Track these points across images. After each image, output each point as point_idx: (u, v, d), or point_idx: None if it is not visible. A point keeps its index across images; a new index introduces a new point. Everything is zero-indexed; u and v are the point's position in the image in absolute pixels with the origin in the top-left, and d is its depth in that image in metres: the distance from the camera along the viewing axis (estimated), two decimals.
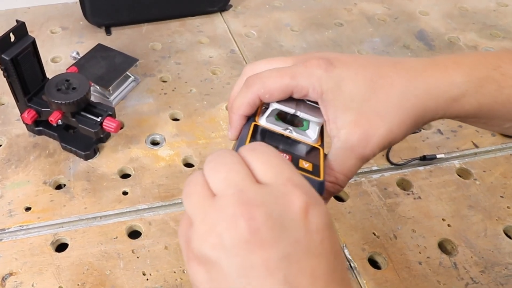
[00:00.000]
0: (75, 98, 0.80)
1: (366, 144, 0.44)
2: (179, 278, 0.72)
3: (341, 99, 0.45)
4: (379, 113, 0.44)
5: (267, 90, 0.46)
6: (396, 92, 0.45)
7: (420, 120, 0.46)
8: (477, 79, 0.46)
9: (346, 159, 0.45)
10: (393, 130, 0.45)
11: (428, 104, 0.45)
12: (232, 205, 0.34)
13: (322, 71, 0.45)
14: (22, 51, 0.79)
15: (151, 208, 0.81)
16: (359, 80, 0.45)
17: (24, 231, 0.77)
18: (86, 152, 0.87)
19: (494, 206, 0.84)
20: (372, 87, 0.45)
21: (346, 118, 0.45)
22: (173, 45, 1.18)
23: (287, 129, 0.47)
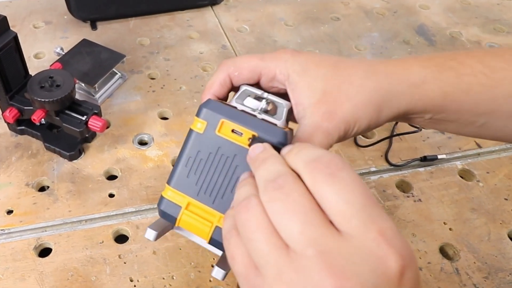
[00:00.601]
0: (59, 96, 0.79)
1: (331, 119, 0.46)
2: (168, 285, 0.71)
3: (306, 80, 0.47)
4: (343, 92, 0.47)
5: (237, 67, 0.49)
6: (358, 74, 0.48)
7: (385, 105, 0.48)
8: (434, 66, 0.49)
9: (312, 136, 0.46)
10: (357, 107, 0.47)
11: (390, 88, 0.48)
12: (317, 272, 0.31)
13: (289, 55, 0.49)
14: (3, 46, 0.78)
15: (138, 211, 0.80)
16: (323, 65, 0.48)
17: (5, 235, 0.76)
18: (70, 152, 0.86)
19: (498, 209, 0.83)
20: (335, 70, 0.48)
21: (311, 97, 0.47)
22: (162, 40, 1.17)
23: (255, 110, 0.48)
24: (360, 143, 0.91)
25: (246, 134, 0.43)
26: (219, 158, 0.44)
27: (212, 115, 0.44)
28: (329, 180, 0.33)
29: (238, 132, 0.44)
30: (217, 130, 0.44)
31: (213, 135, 0.45)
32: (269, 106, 0.49)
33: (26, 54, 0.86)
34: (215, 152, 0.45)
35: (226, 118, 0.44)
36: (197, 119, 0.45)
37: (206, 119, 0.45)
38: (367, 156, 0.90)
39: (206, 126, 0.45)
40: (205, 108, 0.45)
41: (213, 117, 0.44)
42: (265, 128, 0.43)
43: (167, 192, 0.48)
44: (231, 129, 0.44)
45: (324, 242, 0.31)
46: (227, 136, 0.44)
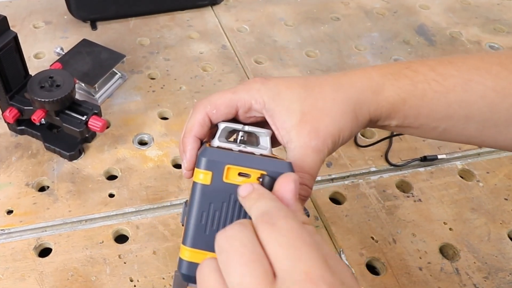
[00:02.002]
0: (59, 96, 0.79)
1: (317, 136, 0.47)
2: (168, 285, 0.70)
3: (283, 104, 0.49)
4: (320, 109, 0.48)
5: (213, 106, 0.50)
6: (327, 90, 0.50)
7: (359, 112, 0.50)
8: (390, 74, 0.51)
9: (304, 156, 0.47)
10: (337, 119, 0.49)
11: (357, 96, 0.50)
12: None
13: (259, 84, 0.50)
14: (3, 46, 0.78)
15: (138, 211, 0.80)
16: (294, 87, 0.50)
17: (5, 235, 0.76)
18: (70, 152, 0.86)
19: (498, 209, 0.83)
20: (306, 90, 0.50)
21: (292, 120, 0.48)
22: (161, 40, 1.16)
23: (240, 145, 0.48)
24: (360, 143, 0.91)
25: (254, 174, 0.43)
26: (234, 204, 0.43)
27: (215, 163, 0.43)
28: (269, 229, 0.36)
29: (245, 174, 0.43)
30: (224, 177, 0.43)
31: (221, 183, 0.43)
32: (252, 138, 0.50)
33: (26, 54, 0.86)
34: (228, 200, 0.43)
35: (231, 164, 0.43)
36: (200, 171, 0.44)
37: (210, 169, 0.43)
38: (367, 156, 0.89)
39: (212, 176, 0.43)
40: (205, 158, 0.43)
41: (216, 165, 0.43)
42: (271, 164, 0.43)
43: (184, 253, 0.46)
44: (238, 173, 0.43)
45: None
46: (236, 181, 0.43)
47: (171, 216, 0.79)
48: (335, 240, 0.77)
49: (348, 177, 0.86)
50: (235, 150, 0.47)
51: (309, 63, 1.11)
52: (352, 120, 0.49)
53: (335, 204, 0.83)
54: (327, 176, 0.86)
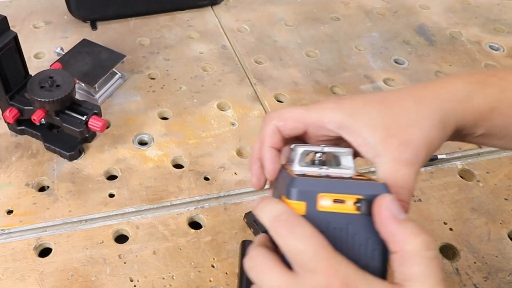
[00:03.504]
0: (59, 96, 0.79)
1: (408, 149, 0.45)
2: (168, 285, 0.70)
3: (362, 121, 0.47)
4: (405, 122, 0.46)
5: (281, 118, 0.49)
6: (409, 103, 0.48)
7: (447, 122, 0.48)
8: (477, 82, 0.49)
9: (396, 170, 0.45)
10: (426, 131, 0.46)
11: (443, 107, 0.48)
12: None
13: (334, 104, 0.48)
14: (3, 47, 0.78)
15: (138, 211, 0.80)
16: (371, 103, 0.48)
17: (5, 235, 0.76)
18: (70, 152, 0.86)
19: (498, 209, 0.82)
20: (385, 105, 0.48)
21: (375, 135, 0.46)
22: (162, 40, 1.16)
23: (322, 168, 0.46)
24: None
25: (349, 200, 0.40)
26: (333, 233, 0.40)
27: (307, 193, 0.41)
28: (288, 236, 0.38)
29: (340, 201, 0.40)
30: (318, 206, 0.41)
31: (317, 212, 0.41)
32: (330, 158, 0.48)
33: (26, 54, 0.86)
34: (326, 229, 0.40)
35: (323, 191, 0.41)
36: (292, 202, 0.41)
37: (302, 200, 0.41)
38: None
39: (306, 207, 0.41)
40: (295, 189, 0.41)
41: (309, 195, 0.41)
42: (365, 187, 0.41)
43: None
44: (332, 200, 0.40)
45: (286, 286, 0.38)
46: (331, 208, 0.41)
47: (171, 216, 0.79)
48: None
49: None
50: (322, 175, 0.45)
51: (309, 63, 1.11)
52: (440, 131, 0.47)
53: None
54: None
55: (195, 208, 0.80)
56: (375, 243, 0.40)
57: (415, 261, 0.37)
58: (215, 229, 0.77)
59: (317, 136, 0.50)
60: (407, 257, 0.37)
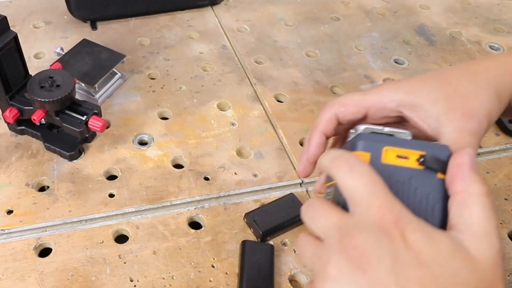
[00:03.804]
0: (59, 96, 0.79)
1: (472, 119, 0.47)
2: (168, 285, 0.70)
3: (422, 96, 0.49)
4: (464, 95, 0.49)
5: (341, 104, 0.51)
6: (464, 78, 0.50)
7: (502, 95, 0.50)
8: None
9: (460, 139, 0.47)
10: (486, 102, 0.49)
11: (496, 80, 0.50)
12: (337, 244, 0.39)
13: (391, 84, 0.51)
14: (3, 47, 0.78)
15: (138, 211, 0.80)
16: (427, 80, 0.51)
17: (5, 235, 0.76)
18: (70, 152, 0.86)
19: (498, 209, 0.82)
20: (441, 81, 0.50)
21: (437, 108, 0.48)
22: (162, 40, 1.16)
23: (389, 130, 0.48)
24: None
25: (413, 156, 0.42)
26: (396, 186, 0.42)
27: (373, 145, 0.43)
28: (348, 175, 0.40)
29: (404, 157, 0.42)
30: (382, 159, 0.43)
31: (380, 165, 0.42)
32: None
33: (26, 54, 0.85)
34: (388, 181, 0.41)
35: (389, 145, 0.43)
36: (357, 153, 0.43)
37: (368, 151, 0.43)
38: None
39: (370, 158, 0.43)
40: (362, 141, 0.43)
41: (374, 147, 0.43)
42: (429, 146, 0.43)
43: None
44: (396, 155, 0.42)
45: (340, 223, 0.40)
46: (395, 162, 0.42)
47: (171, 216, 0.79)
48: None
49: None
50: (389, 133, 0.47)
51: (309, 63, 1.11)
52: (497, 102, 0.49)
53: None
54: None
55: (195, 208, 0.80)
56: (436, 198, 0.41)
57: (476, 203, 0.38)
58: (215, 229, 0.77)
59: (377, 119, 0.52)
60: (470, 199, 0.39)
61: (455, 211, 0.39)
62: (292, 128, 0.94)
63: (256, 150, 0.90)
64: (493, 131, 0.95)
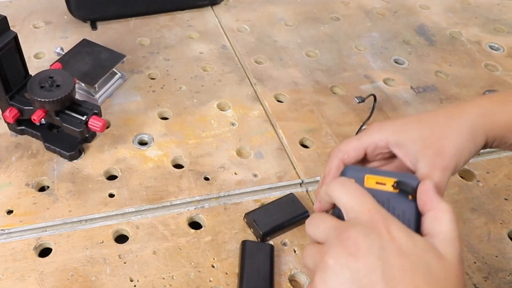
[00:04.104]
0: (59, 96, 0.79)
1: (441, 157, 0.54)
2: (168, 285, 0.70)
3: (404, 136, 0.57)
4: (438, 135, 0.55)
5: (344, 152, 0.59)
6: (441, 120, 0.57)
7: (476, 135, 0.56)
8: (498, 100, 0.59)
9: (431, 174, 0.53)
10: (457, 143, 0.55)
11: (471, 121, 0.56)
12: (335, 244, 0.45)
13: (378, 127, 0.59)
14: (3, 47, 0.78)
15: (138, 211, 0.80)
16: (409, 122, 0.58)
17: (5, 235, 0.76)
18: (70, 152, 0.86)
19: (498, 209, 0.82)
20: (421, 122, 0.58)
21: (415, 146, 0.55)
22: (162, 40, 1.16)
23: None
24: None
25: (389, 182, 0.50)
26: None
27: (357, 173, 0.51)
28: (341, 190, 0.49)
29: (381, 183, 0.50)
30: (365, 184, 0.50)
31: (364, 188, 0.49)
32: None
33: (26, 54, 0.85)
34: None
35: (369, 174, 0.51)
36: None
37: (352, 177, 0.51)
38: None
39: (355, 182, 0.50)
40: (348, 169, 0.52)
41: (358, 175, 0.51)
42: (402, 175, 0.51)
43: None
44: (375, 182, 0.50)
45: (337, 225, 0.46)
46: (375, 187, 0.50)
47: (171, 216, 0.79)
48: None
49: None
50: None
51: (309, 63, 1.10)
52: (469, 142, 0.56)
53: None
54: None
55: (195, 208, 0.80)
56: (410, 214, 0.49)
57: (445, 218, 0.46)
58: (215, 229, 0.77)
59: (375, 156, 0.60)
60: (440, 214, 0.46)
61: (428, 223, 0.47)
62: (292, 128, 0.94)
63: (256, 150, 0.90)
64: None
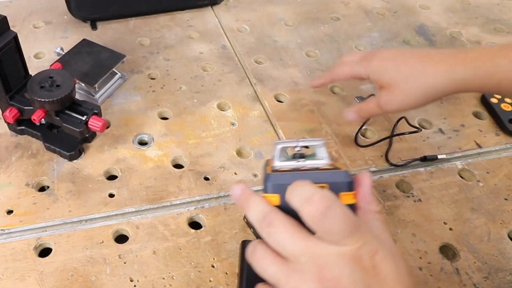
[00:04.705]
0: (59, 96, 0.78)
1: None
2: (168, 285, 0.70)
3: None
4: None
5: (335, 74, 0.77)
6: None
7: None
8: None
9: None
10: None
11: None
12: (310, 272, 0.43)
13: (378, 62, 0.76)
14: (3, 46, 0.78)
15: (138, 211, 0.80)
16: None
17: (5, 235, 0.76)
18: (70, 152, 0.86)
19: (498, 209, 0.82)
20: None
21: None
22: (162, 40, 1.16)
23: (299, 161, 0.52)
24: (360, 143, 0.91)
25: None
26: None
27: (280, 186, 0.47)
28: (323, 218, 0.42)
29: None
30: None
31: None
32: (308, 151, 0.53)
33: (26, 54, 0.85)
34: (298, 216, 0.45)
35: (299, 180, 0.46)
36: (268, 196, 0.47)
37: (277, 192, 0.47)
38: (367, 156, 0.89)
39: (280, 198, 0.47)
40: (270, 184, 0.47)
41: (282, 188, 0.46)
42: (330, 176, 0.47)
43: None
44: None
45: (312, 249, 0.43)
46: None
47: (171, 216, 0.79)
48: None
49: None
50: (297, 168, 0.51)
51: (309, 63, 1.10)
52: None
53: None
54: None
55: (195, 208, 0.80)
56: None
57: (375, 217, 0.47)
58: (215, 229, 0.77)
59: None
60: (372, 213, 0.47)
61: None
62: (292, 128, 0.94)
63: (256, 150, 0.90)
64: (493, 131, 0.95)
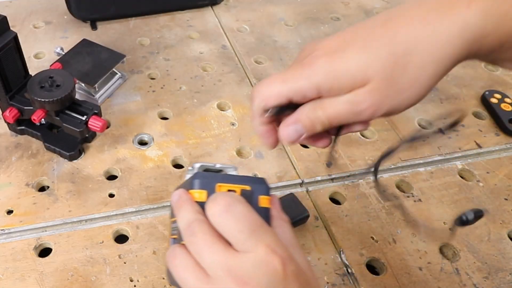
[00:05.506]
0: (59, 96, 0.79)
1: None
2: (168, 285, 0.70)
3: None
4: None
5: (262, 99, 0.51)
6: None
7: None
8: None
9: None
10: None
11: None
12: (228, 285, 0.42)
13: (308, 66, 0.50)
14: (3, 46, 0.78)
15: (138, 211, 0.80)
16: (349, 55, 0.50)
17: (5, 235, 0.76)
18: (70, 152, 0.86)
19: (498, 209, 0.82)
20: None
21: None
22: (162, 40, 1.16)
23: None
24: (360, 143, 0.91)
25: (238, 190, 0.49)
26: None
27: (207, 182, 0.49)
28: (223, 215, 0.44)
29: (232, 190, 0.49)
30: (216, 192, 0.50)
31: None
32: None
33: (26, 54, 0.85)
34: None
35: (221, 182, 0.49)
36: (195, 191, 0.49)
37: (204, 188, 0.49)
38: (367, 156, 0.89)
39: (207, 194, 0.49)
40: (197, 180, 0.49)
41: (209, 184, 0.49)
42: (252, 180, 0.50)
43: None
44: (227, 190, 0.49)
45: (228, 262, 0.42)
46: None
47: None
48: (335, 240, 0.77)
49: (348, 177, 0.86)
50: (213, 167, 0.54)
51: None
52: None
53: (335, 204, 0.82)
54: (327, 176, 0.86)
55: None
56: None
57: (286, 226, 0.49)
58: None
59: (305, 101, 0.50)
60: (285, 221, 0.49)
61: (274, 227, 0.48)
62: None
63: (256, 150, 0.90)
64: (493, 131, 0.96)
